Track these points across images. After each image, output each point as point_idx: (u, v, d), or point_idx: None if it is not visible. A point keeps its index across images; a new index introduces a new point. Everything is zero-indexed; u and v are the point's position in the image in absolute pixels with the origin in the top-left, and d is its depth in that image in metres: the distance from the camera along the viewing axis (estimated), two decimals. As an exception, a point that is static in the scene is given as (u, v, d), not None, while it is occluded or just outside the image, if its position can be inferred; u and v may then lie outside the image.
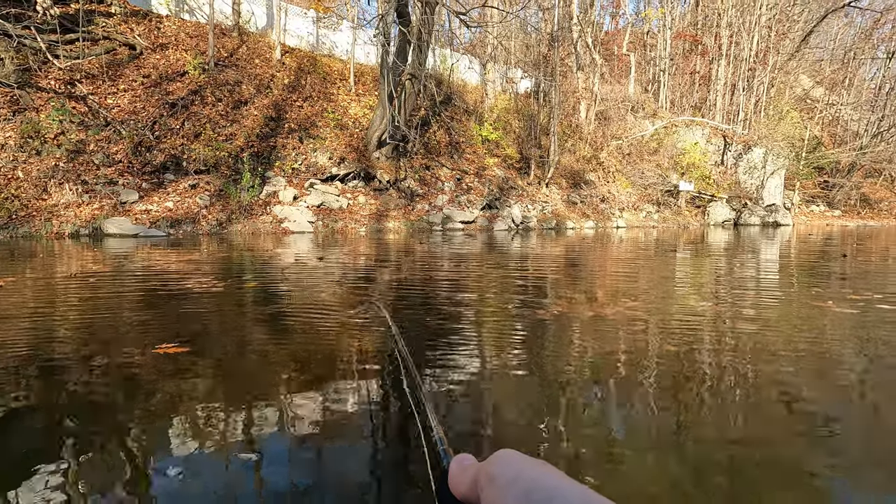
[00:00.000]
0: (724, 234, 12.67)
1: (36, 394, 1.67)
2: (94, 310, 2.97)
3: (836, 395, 1.72)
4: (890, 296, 3.66)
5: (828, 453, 1.30)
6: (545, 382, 1.81)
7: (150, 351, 2.09)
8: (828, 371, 1.96)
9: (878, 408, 1.64)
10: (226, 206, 10.00)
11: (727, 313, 3.07)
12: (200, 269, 4.78)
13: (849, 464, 1.26)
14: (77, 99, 10.01)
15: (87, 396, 1.65)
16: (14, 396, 1.63)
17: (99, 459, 1.25)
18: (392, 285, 4.08)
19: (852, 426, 1.47)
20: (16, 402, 1.59)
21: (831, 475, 1.20)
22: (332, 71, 14.77)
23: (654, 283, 4.44)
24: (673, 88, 25.13)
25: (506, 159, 15.89)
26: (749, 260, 6.49)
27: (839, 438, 1.38)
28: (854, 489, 1.16)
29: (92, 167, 9.40)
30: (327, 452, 1.29)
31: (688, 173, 19.06)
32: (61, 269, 4.64)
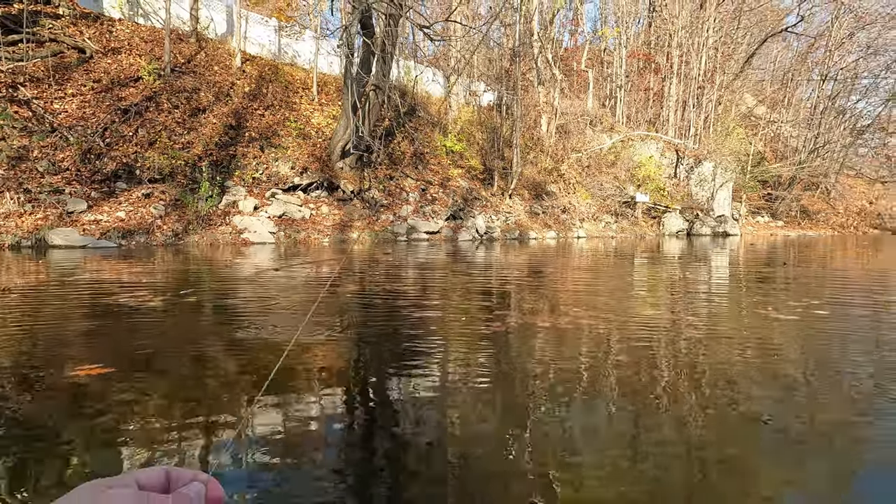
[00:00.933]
0: (678, 244, 13.24)
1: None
2: (12, 325, 2.83)
3: (777, 393, 1.85)
4: (826, 303, 3.93)
5: (770, 451, 1.40)
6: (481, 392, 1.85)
7: (69, 373, 1.97)
8: (772, 373, 2.09)
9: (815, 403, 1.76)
10: (182, 216, 9.67)
11: (677, 322, 3.22)
12: (142, 281, 4.61)
13: (785, 454, 1.36)
14: (20, 103, 9.49)
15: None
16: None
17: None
18: (348, 297, 4.06)
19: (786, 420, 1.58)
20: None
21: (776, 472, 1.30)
22: (294, 80, 14.61)
23: (610, 292, 4.59)
24: (629, 104, 26.20)
25: (470, 170, 16.10)
26: (700, 268, 6.81)
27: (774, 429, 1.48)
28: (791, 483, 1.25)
29: (35, 175, 8.91)
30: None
31: (644, 185, 19.85)
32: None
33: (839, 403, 1.75)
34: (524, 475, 1.26)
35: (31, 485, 1.20)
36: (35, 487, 1.19)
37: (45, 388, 1.82)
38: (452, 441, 1.45)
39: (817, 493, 1.22)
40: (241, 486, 1.20)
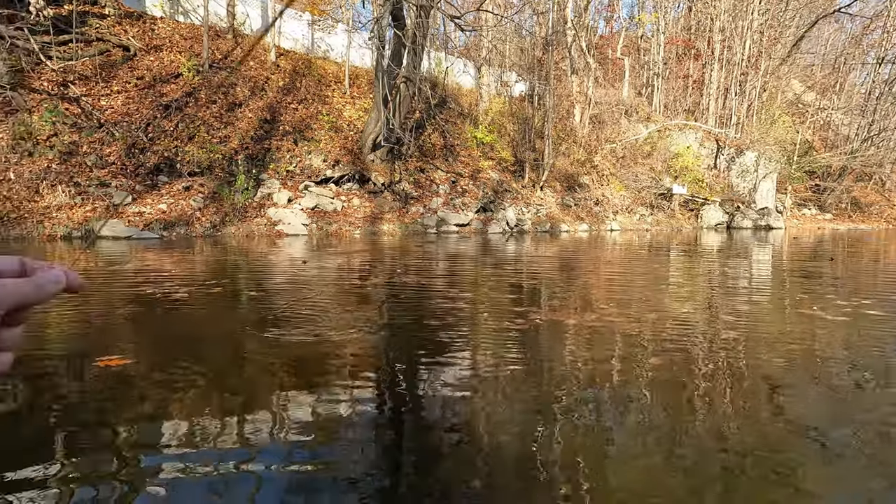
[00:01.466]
0: (717, 238, 12.78)
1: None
2: (51, 315, 2.98)
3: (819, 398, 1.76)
4: (879, 302, 3.71)
5: (820, 459, 1.33)
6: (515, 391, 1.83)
7: (93, 364, 2.03)
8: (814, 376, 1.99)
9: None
10: (220, 209, 9.98)
11: (714, 321, 3.10)
12: (174, 273, 4.78)
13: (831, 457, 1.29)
14: (70, 100, 9.96)
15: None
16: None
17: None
18: (377, 292, 4.09)
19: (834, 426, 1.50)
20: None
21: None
22: (326, 73, 14.78)
23: (644, 287, 4.47)
24: (666, 92, 25.32)
25: (500, 162, 15.95)
26: (740, 263, 6.55)
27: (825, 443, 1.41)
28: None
29: (85, 169, 9.35)
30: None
31: (681, 177, 19.20)
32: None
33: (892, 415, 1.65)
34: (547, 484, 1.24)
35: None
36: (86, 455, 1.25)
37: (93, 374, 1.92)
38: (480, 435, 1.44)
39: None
40: (279, 462, 1.24)
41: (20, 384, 1.81)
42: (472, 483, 1.20)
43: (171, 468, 1.25)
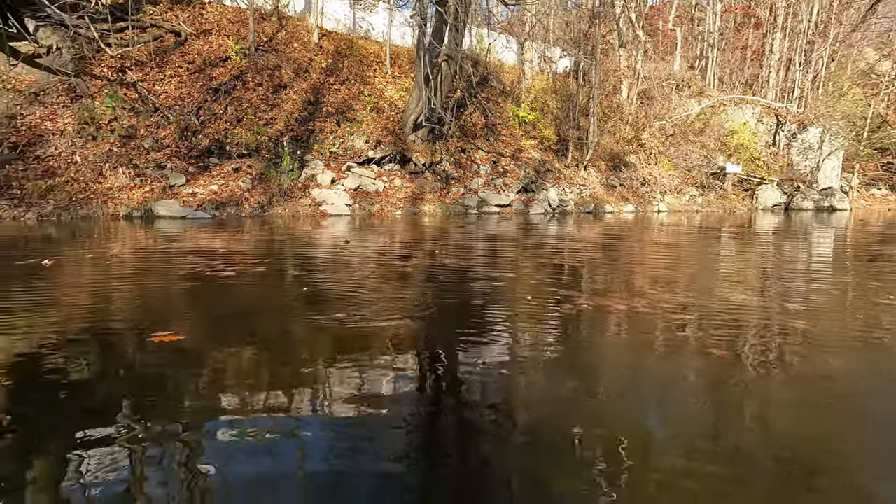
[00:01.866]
0: (774, 219, 12.08)
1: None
2: (111, 291, 3.14)
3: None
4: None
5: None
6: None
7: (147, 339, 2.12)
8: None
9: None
10: (267, 189, 10.28)
11: (775, 312, 2.95)
12: (222, 252, 4.96)
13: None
14: (128, 86, 10.43)
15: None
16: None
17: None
18: (418, 273, 4.10)
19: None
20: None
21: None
22: (368, 53, 14.78)
23: (697, 273, 4.30)
24: (722, 65, 23.85)
25: (543, 141, 15.58)
26: (799, 246, 6.17)
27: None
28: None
29: (142, 151, 9.83)
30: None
31: (735, 155, 18.16)
32: (103, 249, 4.91)
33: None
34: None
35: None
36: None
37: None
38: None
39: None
40: (325, 434, 1.28)
41: (90, 355, 1.93)
42: (510, 460, 1.19)
43: (225, 434, 1.31)
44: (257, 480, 1.13)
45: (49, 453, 1.24)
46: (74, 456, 1.21)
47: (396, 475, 1.14)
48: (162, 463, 1.19)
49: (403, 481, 1.12)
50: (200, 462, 1.20)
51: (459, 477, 1.15)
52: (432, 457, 1.23)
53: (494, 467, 1.18)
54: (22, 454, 1.23)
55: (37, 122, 9.43)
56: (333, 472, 1.16)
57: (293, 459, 1.21)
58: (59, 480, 1.13)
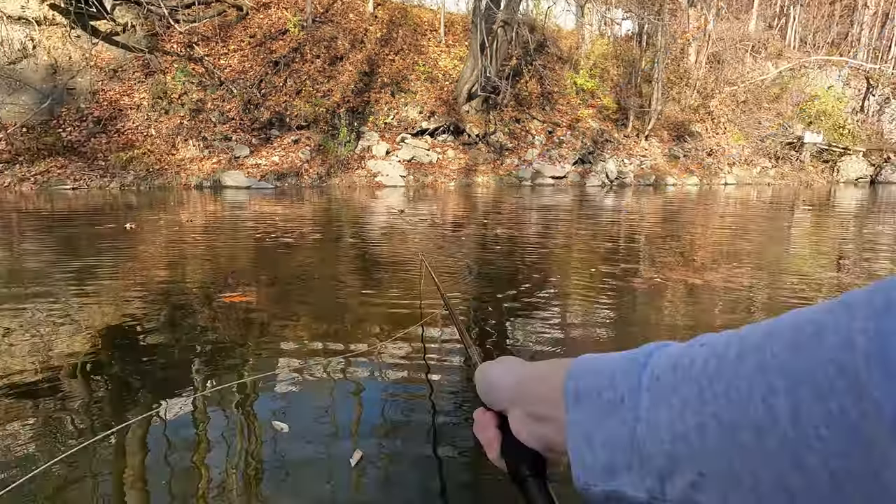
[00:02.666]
0: (857, 193, 11.09)
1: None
2: (186, 255, 3.35)
3: None
4: None
5: None
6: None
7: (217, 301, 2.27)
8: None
9: None
10: (325, 161, 10.54)
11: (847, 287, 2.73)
12: (280, 221, 5.15)
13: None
14: (195, 61, 10.88)
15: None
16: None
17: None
18: (471, 243, 4.11)
19: None
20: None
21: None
22: (422, 22, 14.56)
23: (765, 255, 4.06)
24: (805, 23, 21.65)
25: (601, 110, 14.92)
26: (887, 224, 5.66)
27: None
28: None
29: (210, 125, 10.30)
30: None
31: (816, 123, 16.63)
32: (176, 217, 5.25)
33: None
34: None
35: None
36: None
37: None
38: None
39: None
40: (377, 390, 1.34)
41: (166, 313, 2.10)
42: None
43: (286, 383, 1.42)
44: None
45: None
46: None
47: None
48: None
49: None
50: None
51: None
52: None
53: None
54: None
55: (116, 97, 10.07)
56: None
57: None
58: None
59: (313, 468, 1.10)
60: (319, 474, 1.08)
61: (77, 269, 2.76)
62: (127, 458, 1.13)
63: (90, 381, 1.48)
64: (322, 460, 1.12)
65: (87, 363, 1.58)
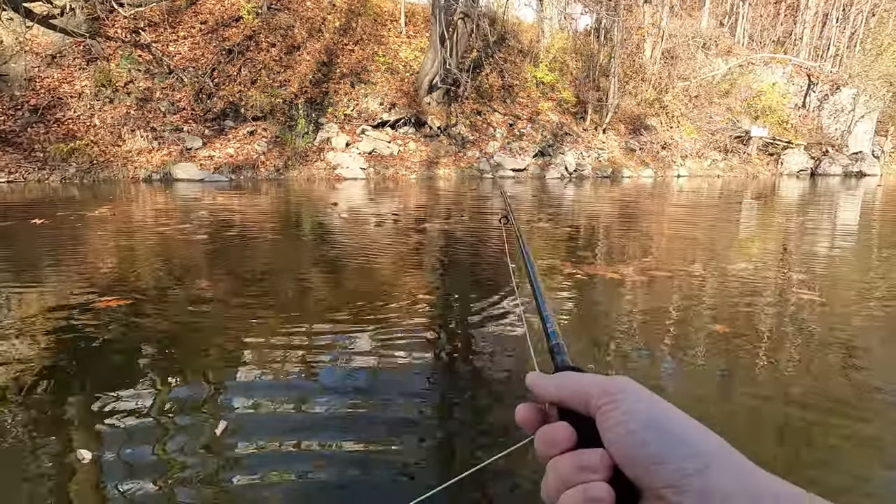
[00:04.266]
0: (797, 185, 11.74)
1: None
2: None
3: None
4: None
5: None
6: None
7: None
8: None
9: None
10: (282, 153, 10.30)
11: (786, 282, 2.93)
12: (209, 215, 5.04)
13: None
14: (142, 47, 10.38)
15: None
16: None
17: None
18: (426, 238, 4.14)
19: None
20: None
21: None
22: (382, 12, 14.37)
23: (704, 240, 4.27)
24: (753, 21, 22.61)
25: (561, 103, 15.17)
26: (815, 216, 6.03)
27: None
28: None
29: (159, 114, 9.87)
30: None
31: (762, 117, 17.46)
32: (103, 211, 5.04)
33: None
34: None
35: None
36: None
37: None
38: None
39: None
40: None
41: (122, 310, 2.04)
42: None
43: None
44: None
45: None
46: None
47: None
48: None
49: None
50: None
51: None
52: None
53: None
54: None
55: (55, 84, 9.50)
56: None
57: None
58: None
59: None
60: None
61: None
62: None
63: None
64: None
65: None
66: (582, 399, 0.28)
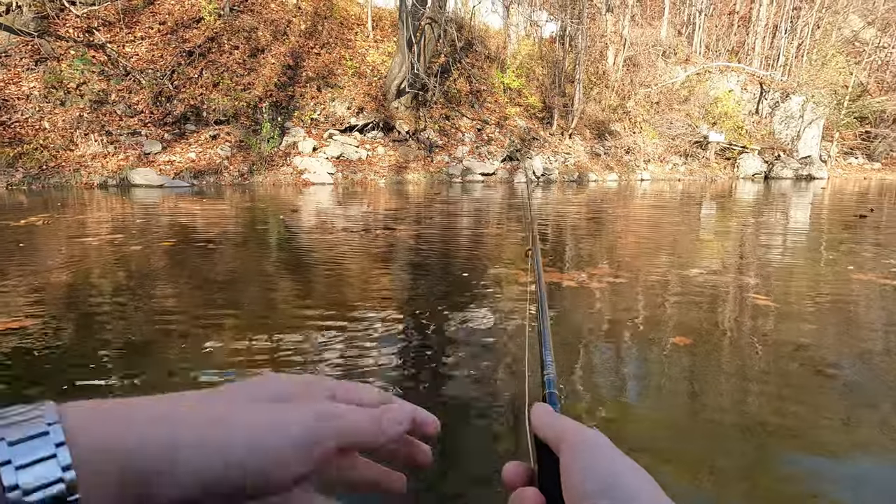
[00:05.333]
0: (752, 188, 12.26)
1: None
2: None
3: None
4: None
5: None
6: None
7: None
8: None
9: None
10: (247, 157, 10.05)
11: (737, 286, 3.03)
12: (153, 223, 4.89)
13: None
14: (96, 48, 9.96)
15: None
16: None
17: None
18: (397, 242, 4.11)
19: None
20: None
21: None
22: (349, 15, 14.27)
23: (662, 244, 4.38)
24: (709, 31, 23.58)
25: (528, 109, 15.41)
26: (770, 217, 6.31)
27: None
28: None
29: (115, 118, 9.48)
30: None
31: (719, 123, 18.22)
32: (36, 219, 4.80)
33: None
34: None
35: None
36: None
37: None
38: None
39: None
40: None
41: (70, 320, 1.92)
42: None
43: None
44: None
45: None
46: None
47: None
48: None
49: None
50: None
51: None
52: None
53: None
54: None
55: (0, 85, 9.00)
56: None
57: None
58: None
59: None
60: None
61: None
62: None
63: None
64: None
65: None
66: (556, 442, 0.30)
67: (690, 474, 1.10)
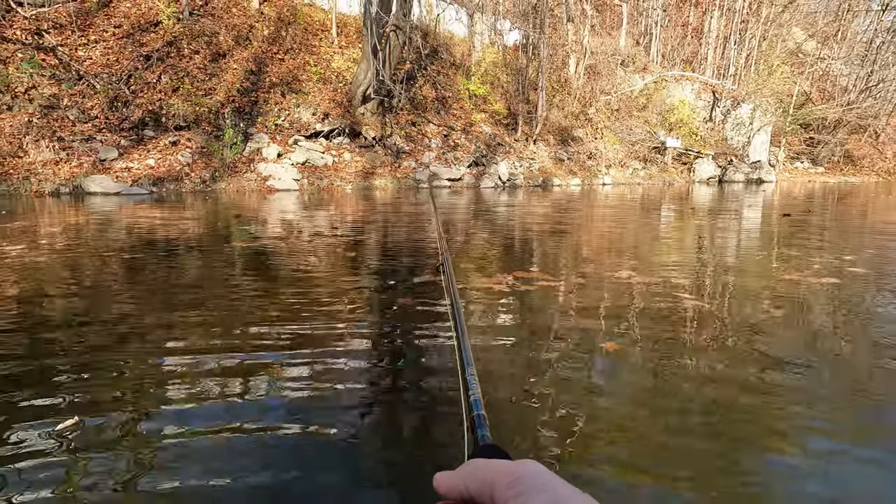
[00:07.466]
0: (708, 191, 12.85)
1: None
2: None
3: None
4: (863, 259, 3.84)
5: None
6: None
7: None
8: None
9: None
10: (209, 164, 9.85)
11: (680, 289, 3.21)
12: (156, 229, 4.81)
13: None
14: (46, 51, 9.58)
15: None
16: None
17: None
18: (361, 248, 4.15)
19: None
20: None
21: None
22: (313, 22, 14.20)
23: (603, 251, 4.58)
24: (665, 41, 24.58)
25: (493, 115, 15.68)
26: (723, 219, 6.66)
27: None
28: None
29: (67, 123, 9.14)
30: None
31: (675, 130, 19.01)
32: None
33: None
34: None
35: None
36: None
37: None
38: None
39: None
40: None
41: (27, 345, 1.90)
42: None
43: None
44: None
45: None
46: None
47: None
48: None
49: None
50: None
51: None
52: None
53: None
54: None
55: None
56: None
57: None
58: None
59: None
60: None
61: None
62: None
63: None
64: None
65: None
66: (488, 491, 0.26)
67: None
